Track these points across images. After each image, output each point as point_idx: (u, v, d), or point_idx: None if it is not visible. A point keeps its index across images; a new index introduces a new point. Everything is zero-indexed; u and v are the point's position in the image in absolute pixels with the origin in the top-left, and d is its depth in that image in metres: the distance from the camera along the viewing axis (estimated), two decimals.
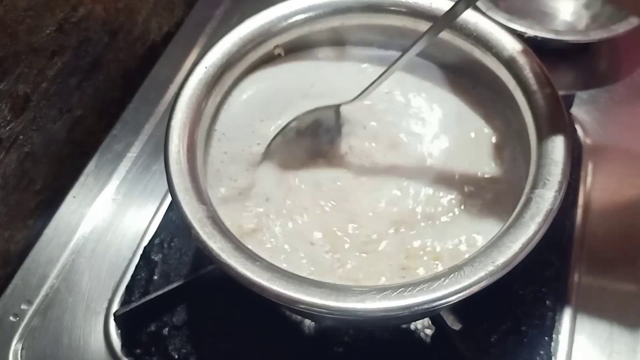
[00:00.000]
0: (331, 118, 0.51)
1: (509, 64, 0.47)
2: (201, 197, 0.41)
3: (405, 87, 0.53)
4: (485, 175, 0.48)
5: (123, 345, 0.51)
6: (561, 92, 0.45)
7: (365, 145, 0.50)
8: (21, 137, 0.56)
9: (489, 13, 0.63)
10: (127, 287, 0.53)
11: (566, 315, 0.50)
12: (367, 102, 0.51)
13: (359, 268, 0.44)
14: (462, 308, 0.48)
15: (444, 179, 0.48)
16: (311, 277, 0.41)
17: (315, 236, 0.46)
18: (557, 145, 0.42)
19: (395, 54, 0.50)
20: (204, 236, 0.39)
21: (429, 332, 0.49)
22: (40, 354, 0.51)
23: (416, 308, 0.36)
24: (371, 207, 0.47)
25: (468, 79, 0.52)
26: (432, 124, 0.51)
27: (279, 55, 0.52)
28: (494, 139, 0.50)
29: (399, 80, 0.52)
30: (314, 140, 0.51)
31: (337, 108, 0.50)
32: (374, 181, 0.49)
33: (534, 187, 0.40)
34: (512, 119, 0.49)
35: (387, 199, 0.47)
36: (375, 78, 0.47)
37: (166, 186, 0.42)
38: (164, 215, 0.57)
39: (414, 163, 0.49)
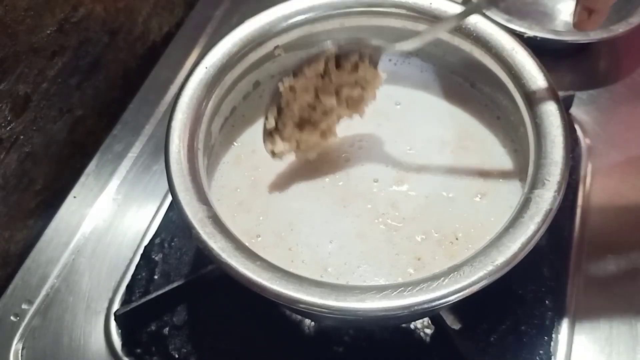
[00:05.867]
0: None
1: (509, 64, 0.47)
2: (202, 197, 0.41)
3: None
4: (485, 175, 0.48)
5: (123, 345, 0.51)
6: (560, 93, 0.45)
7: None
8: (22, 137, 0.56)
9: (489, 13, 0.63)
10: (128, 286, 0.53)
11: (565, 315, 0.50)
12: None
13: None
14: (461, 308, 0.48)
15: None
16: None
17: None
18: (557, 146, 0.42)
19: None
20: (204, 236, 0.39)
21: (428, 331, 0.49)
22: (41, 354, 0.51)
23: (416, 308, 0.36)
24: None
25: (467, 79, 0.53)
26: (431, 124, 0.51)
27: (279, 55, 0.52)
28: (493, 140, 0.50)
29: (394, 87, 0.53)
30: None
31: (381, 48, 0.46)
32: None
33: (533, 187, 0.40)
34: (512, 120, 0.49)
35: None
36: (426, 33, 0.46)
37: (166, 186, 0.42)
38: (165, 215, 0.58)
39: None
